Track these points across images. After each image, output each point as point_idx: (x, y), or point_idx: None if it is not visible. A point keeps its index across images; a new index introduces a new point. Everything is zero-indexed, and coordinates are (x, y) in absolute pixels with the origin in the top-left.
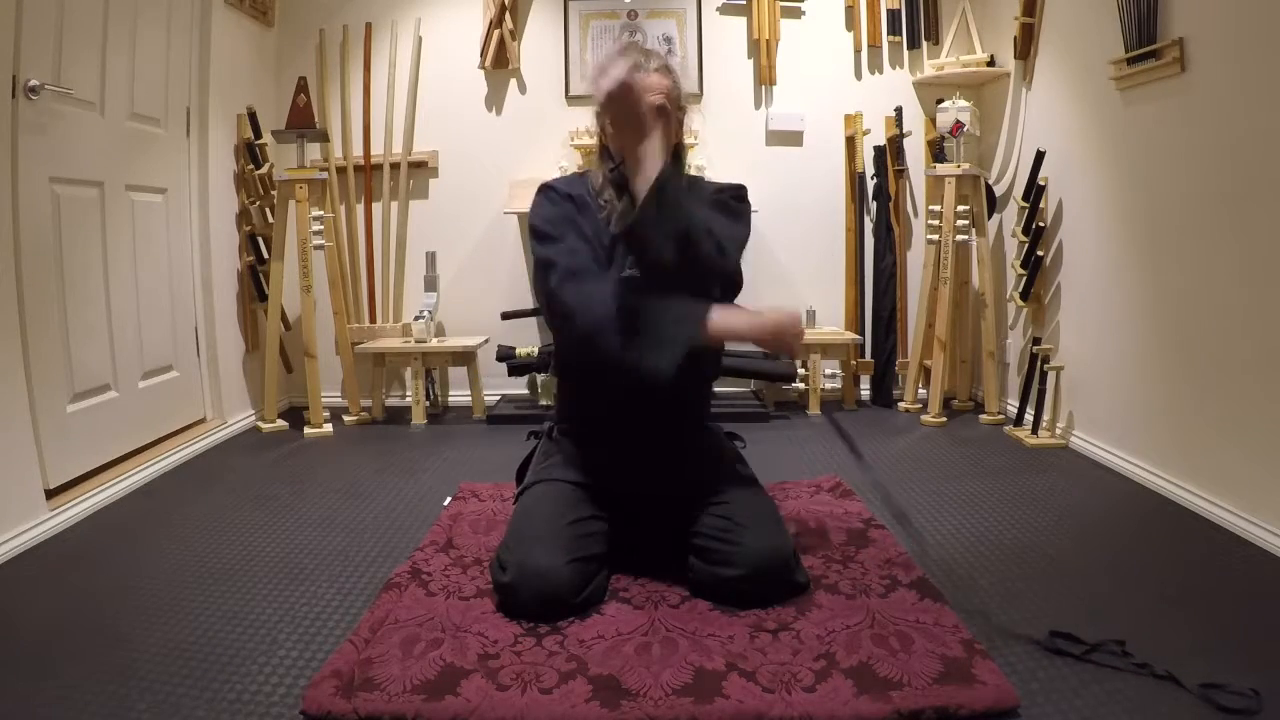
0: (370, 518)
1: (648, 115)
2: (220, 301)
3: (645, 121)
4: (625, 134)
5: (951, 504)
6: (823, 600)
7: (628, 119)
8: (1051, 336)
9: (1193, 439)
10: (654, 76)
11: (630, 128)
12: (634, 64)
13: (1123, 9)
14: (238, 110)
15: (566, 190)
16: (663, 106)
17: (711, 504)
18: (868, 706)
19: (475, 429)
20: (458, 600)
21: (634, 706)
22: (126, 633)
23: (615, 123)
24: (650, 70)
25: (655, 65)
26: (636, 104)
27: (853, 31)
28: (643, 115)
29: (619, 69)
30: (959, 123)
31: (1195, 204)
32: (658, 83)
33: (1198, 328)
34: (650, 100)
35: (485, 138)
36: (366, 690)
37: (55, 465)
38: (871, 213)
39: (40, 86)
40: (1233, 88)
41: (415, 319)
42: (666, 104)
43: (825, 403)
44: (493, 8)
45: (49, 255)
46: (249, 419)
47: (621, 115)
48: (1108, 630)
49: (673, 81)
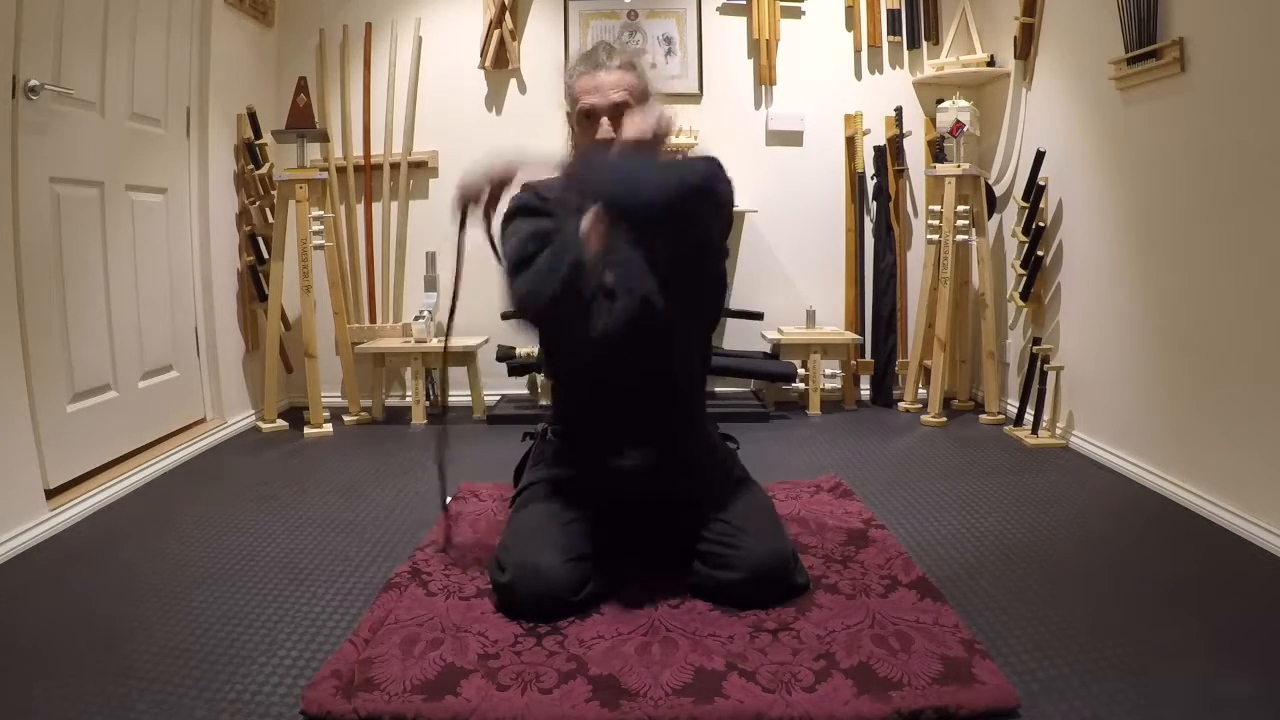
0: (370, 518)
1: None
2: (220, 301)
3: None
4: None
5: (951, 504)
6: (823, 600)
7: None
8: (1051, 336)
9: (1193, 439)
10: (615, 74)
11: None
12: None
13: (1123, 9)
14: (238, 110)
15: (534, 186)
16: (624, 103)
17: (711, 508)
18: (868, 706)
19: (475, 429)
20: (458, 600)
21: (634, 706)
22: (126, 633)
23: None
24: (612, 68)
25: (618, 62)
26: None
27: (853, 31)
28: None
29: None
30: (959, 123)
31: (1195, 204)
32: (618, 80)
33: (1198, 327)
34: (611, 98)
35: (485, 138)
36: (366, 690)
37: (55, 465)
38: (871, 213)
39: (40, 86)
40: (1233, 88)
41: (415, 319)
42: (629, 100)
43: (825, 403)
44: (493, 8)
45: (49, 255)
46: (249, 419)
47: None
48: (1108, 630)
49: (636, 77)
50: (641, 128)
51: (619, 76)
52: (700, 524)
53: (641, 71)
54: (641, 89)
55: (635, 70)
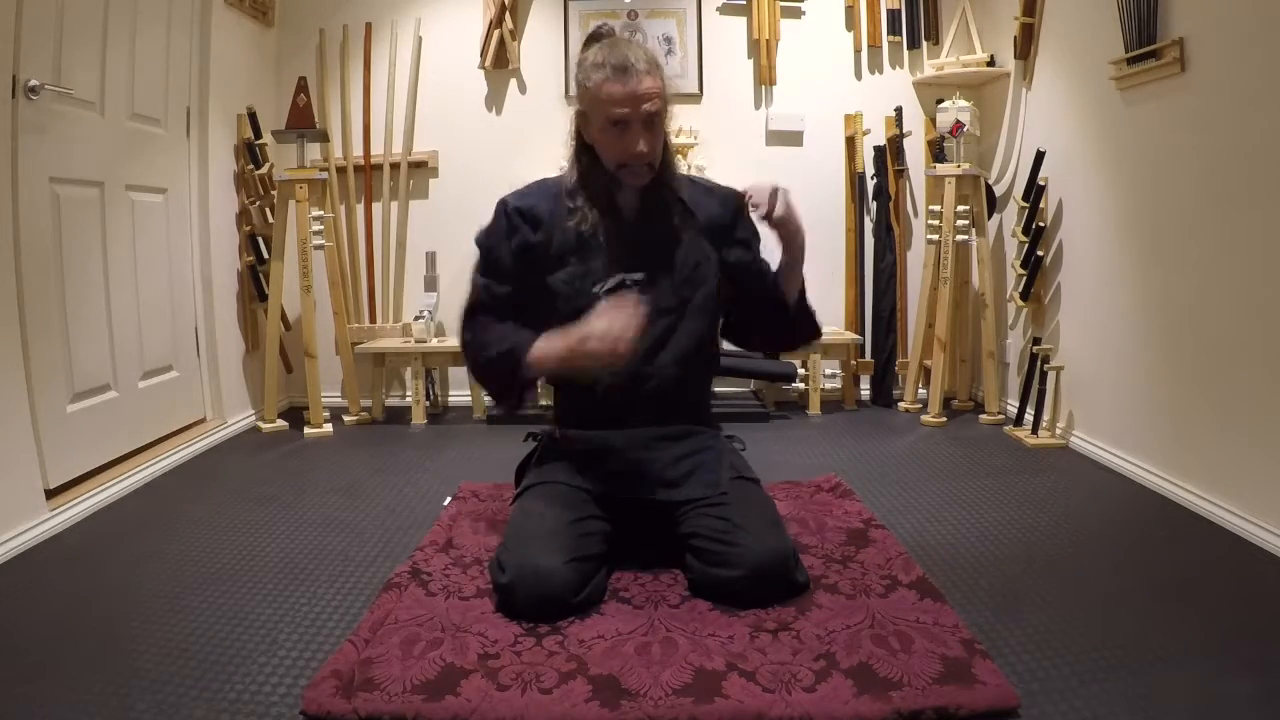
0: (370, 518)
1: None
2: (220, 301)
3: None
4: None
5: (951, 504)
6: (823, 600)
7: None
8: (1051, 336)
9: (1193, 439)
10: (646, 81)
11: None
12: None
13: (1123, 9)
14: (238, 110)
15: (521, 205)
16: (657, 113)
17: (709, 505)
18: (868, 706)
19: (475, 429)
20: (458, 600)
21: (634, 706)
22: (126, 633)
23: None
24: (643, 75)
25: (645, 67)
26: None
27: (853, 31)
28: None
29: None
30: (959, 123)
31: (1196, 204)
32: (650, 88)
33: (1198, 327)
34: (645, 109)
35: (485, 138)
36: (366, 690)
37: (55, 465)
38: (871, 213)
39: (40, 86)
40: (1233, 88)
41: (415, 319)
42: (661, 108)
43: (825, 403)
44: (493, 8)
45: (49, 255)
46: (249, 419)
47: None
48: (1108, 630)
49: (662, 81)
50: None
51: (650, 84)
52: (701, 523)
53: (664, 72)
54: (667, 92)
55: (661, 71)
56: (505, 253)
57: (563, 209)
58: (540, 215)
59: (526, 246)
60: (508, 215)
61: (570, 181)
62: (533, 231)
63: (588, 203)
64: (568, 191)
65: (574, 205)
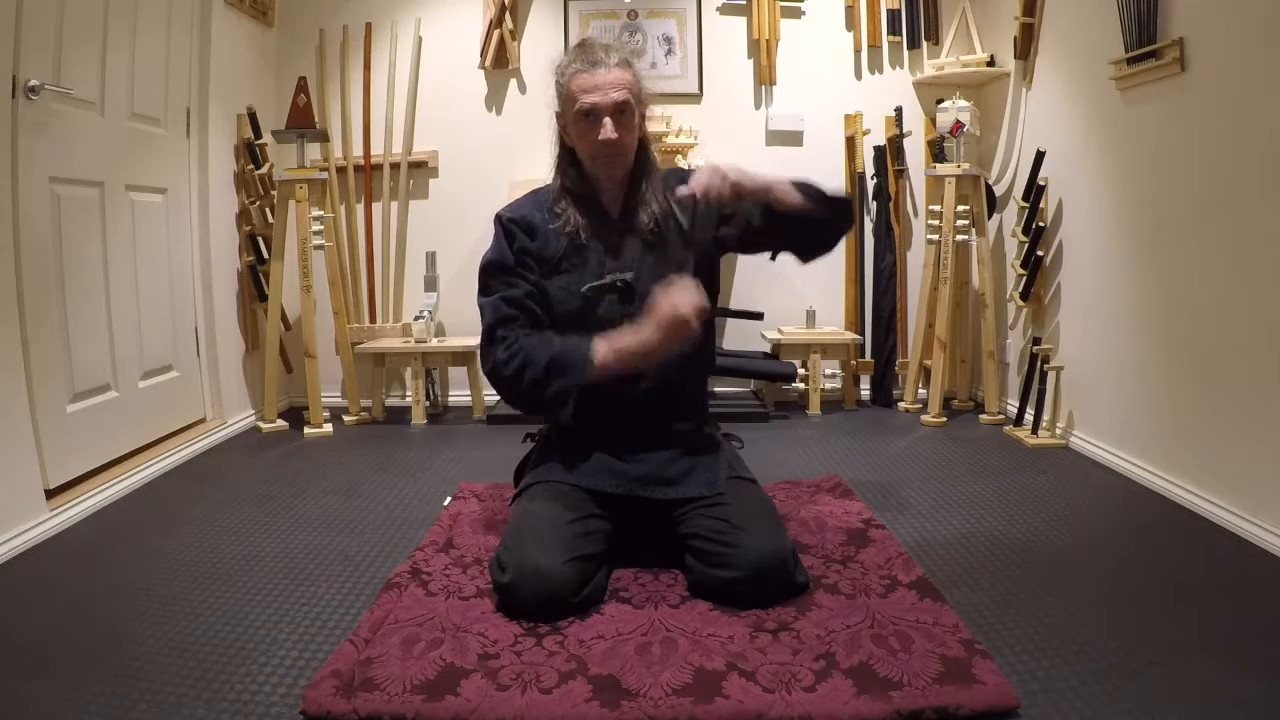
0: (370, 518)
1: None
2: (220, 301)
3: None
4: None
5: (951, 504)
6: (823, 600)
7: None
8: (1051, 336)
9: (1193, 439)
10: (614, 72)
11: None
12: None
13: (1123, 9)
14: (238, 110)
15: (514, 215)
16: (626, 102)
17: (708, 505)
18: (868, 706)
19: (475, 429)
20: (458, 600)
21: (634, 706)
22: (126, 633)
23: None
24: (611, 65)
25: (616, 59)
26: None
27: (853, 31)
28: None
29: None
30: (959, 123)
31: (1196, 204)
32: (618, 78)
33: (1198, 327)
34: (613, 97)
35: (485, 138)
36: (366, 690)
37: (55, 465)
38: (871, 213)
39: (40, 86)
40: (1233, 88)
41: (415, 319)
42: (630, 99)
43: (825, 403)
44: (493, 8)
45: (49, 255)
46: (249, 419)
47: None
48: (1108, 630)
49: (634, 75)
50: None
51: (619, 74)
52: (700, 524)
53: (638, 69)
54: (640, 88)
55: (632, 68)
56: (511, 258)
57: (550, 213)
58: (535, 224)
59: (526, 252)
60: (505, 226)
61: (555, 188)
62: (529, 239)
63: (573, 207)
64: (554, 198)
65: (560, 210)
